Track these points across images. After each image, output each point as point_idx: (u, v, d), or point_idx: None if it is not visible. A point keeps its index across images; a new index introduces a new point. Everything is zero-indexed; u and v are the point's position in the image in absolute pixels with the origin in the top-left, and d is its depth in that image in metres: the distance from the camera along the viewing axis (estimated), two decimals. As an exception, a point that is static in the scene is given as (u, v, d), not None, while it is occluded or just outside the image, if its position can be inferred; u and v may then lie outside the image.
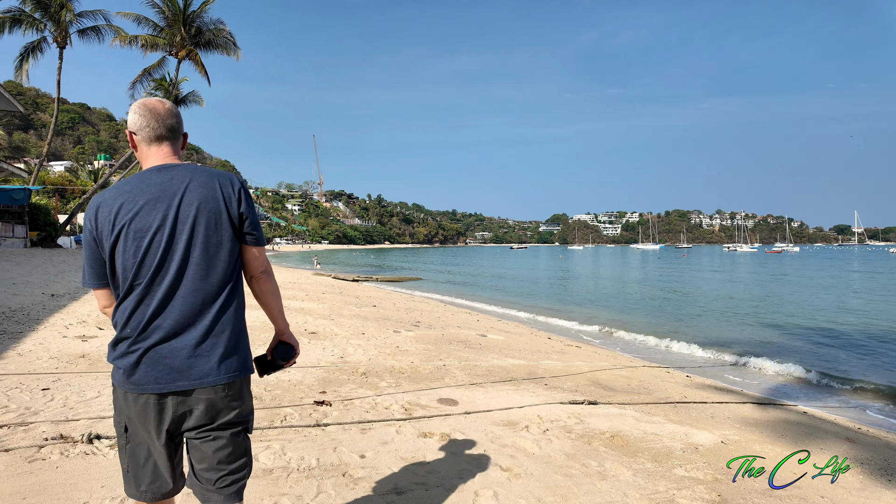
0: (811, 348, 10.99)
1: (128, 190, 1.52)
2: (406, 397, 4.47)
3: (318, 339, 7.15)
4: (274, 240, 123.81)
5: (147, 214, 1.49)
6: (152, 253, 1.48)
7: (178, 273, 1.50)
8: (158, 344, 1.47)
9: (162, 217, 1.50)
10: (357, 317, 10.36)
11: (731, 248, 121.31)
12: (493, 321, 12.96)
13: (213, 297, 1.53)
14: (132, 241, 1.48)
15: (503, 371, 6.17)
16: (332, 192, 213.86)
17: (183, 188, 1.53)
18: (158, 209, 1.50)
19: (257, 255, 1.66)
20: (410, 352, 6.83)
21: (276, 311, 1.75)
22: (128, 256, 1.49)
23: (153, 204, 1.50)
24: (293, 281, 19.88)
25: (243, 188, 1.62)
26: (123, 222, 1.48)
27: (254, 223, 1.63)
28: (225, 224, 1.56)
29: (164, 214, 1.50)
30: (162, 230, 1.49)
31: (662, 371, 7.87)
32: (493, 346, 8.17)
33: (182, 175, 1.55)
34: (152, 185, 1.52)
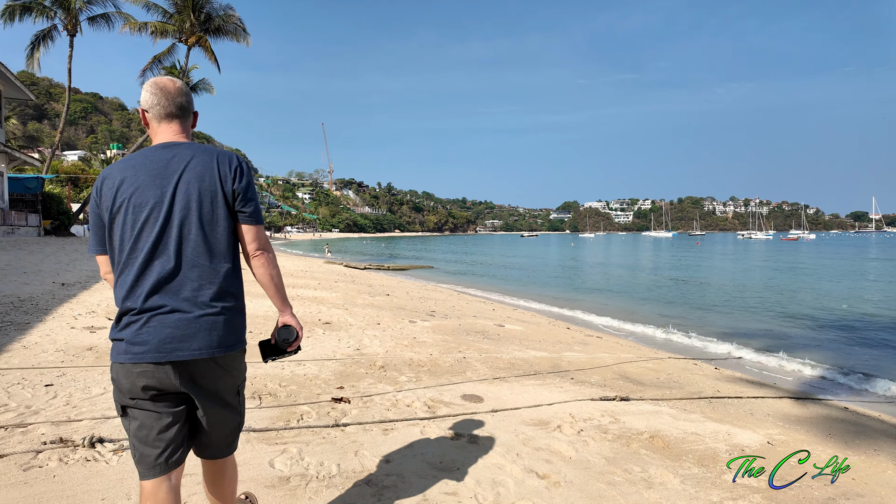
0: (839, 339, 10.59)
1: (132, 165, 1.57)
2: (428, 393, 4.21)
3: (332, 330, 6.93)
4: (285, 228, 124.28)
5: (147, 190, 1.54)
6: (149, 228, 1.53)
7: (177, 248, 1.54)
8: (158, 316, 1.51)
9: (160, 193, 1.54)
10: (371, 306, 10.13)
11: (745, 236, 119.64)
12: (508, 310, 12.69)
13: (211, 272, 1.57)
14: (131, 214, 1.53)
15: (526, 364, 5.89)
16: (342, 181, 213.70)
17: (183, 166, 1.57)
18: (157, 185, 1.54)
19: (253, 233, 1.68)
20: (428, 343, 6.58)
21: (274, 290, 1.76)
22: (126, 229, 1.53)
23: (153, 180, 1.54)
24: (305, 269, 19.73)
25: (241, 166, 1.66)
26: (125, 196, 1.53)
27: (247, 200, 1.65)
28: (220, 201, 1.60)
29: (163, 191, 1.54)
30: (160, 206, 1.53)
31: (689, 363, 7.56)
32: (512, 337, 7.90)
33: (185, 153, 1.59)
34: (155, 162, 1.57)
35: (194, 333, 1.53)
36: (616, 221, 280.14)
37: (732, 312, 13.86)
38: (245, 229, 1.67)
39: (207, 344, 1.55)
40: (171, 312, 1.52)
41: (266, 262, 1.71)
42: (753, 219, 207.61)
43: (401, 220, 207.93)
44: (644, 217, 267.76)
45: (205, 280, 1.56)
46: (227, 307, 1.61)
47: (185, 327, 1.52)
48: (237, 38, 29.97)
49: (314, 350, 5.55)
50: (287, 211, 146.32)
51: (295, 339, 1.78)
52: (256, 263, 1.70)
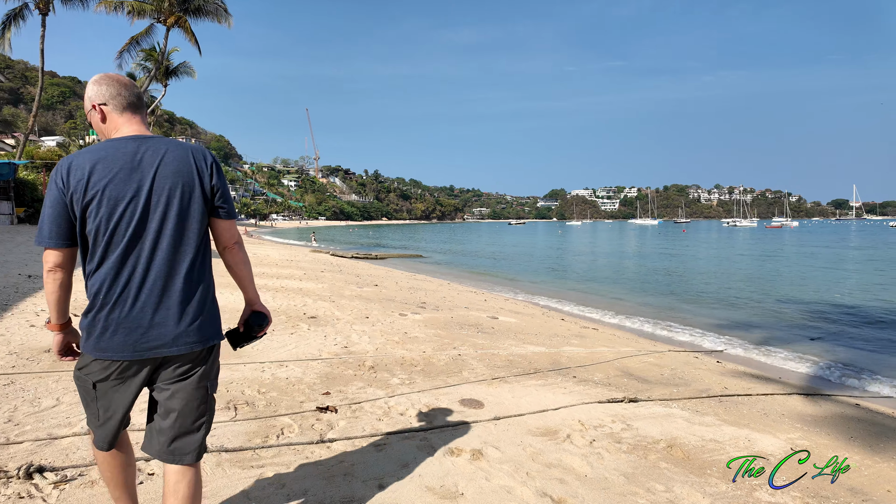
0: (834, 330, 10.44)
1: (103, 156, 1.52)
2: (423, 398, 3.84)
3: (318, 325, 6.52)
4: (270, 216, 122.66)
5: (122, 183, 1.51)
6: (125, 221, 1.51)
7: (153, 243, 1.54)
8: (134, 312, 1.52)
9: (137, 187, 1.53)
10: (359, 298, 9.72)
11: (730, 223, 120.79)
12: (500, 301, 12.36)
13: (187, 266, 1.58)
14: (105, 207, 1.50)
15: (525, 361, 5.56)
16: (328, 168, 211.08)
17: (158, 160, 1.56)
18: (134, 179, 1.53)
19: (229, 228, 1.73)
20: (420, 338, 6.21)
21: (248, 280, 1.82)
22: (100, 223, 1.50)
23: (129, 173, 1.53)
24: (290, 259, 19.20)
25: (215, 162, 1.69)
26: (98, 188, 1.49)
27: (225, 196, 1.70)
28: (198, 197, 1.61)
29: (139, 185, 1.53)
30: (136, 200, 1.52)
31: (690, 357, 7.30)
32: (506, 330, 7.57)
33: (157, 146, 1.58)
34: (128, 154, 1.55)
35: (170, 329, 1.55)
36: (602, 209, 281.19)
37: (725, 302, 13.69)
38: (223, 224, 1.71)
39: (183, 337, 1.57)
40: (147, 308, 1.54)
41: (241, 254, 1.78)
42: (738, 206, 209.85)
43: (388, 207, 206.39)
44: (630, 205, 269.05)
45: (182, 274, 1.57)
46: (204, 300, 1.64)
47: (161, 323, 1.54)
48: (218, 18, 28.95)
49: (298, 349, 5.14)
50: (272, 198, 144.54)
51: (267, 324, 1.86)
52: (232, 256, 1.75)
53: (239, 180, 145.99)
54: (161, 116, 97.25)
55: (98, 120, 1.63)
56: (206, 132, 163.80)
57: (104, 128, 1.63)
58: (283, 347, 5.14)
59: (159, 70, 40.02)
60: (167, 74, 41.47)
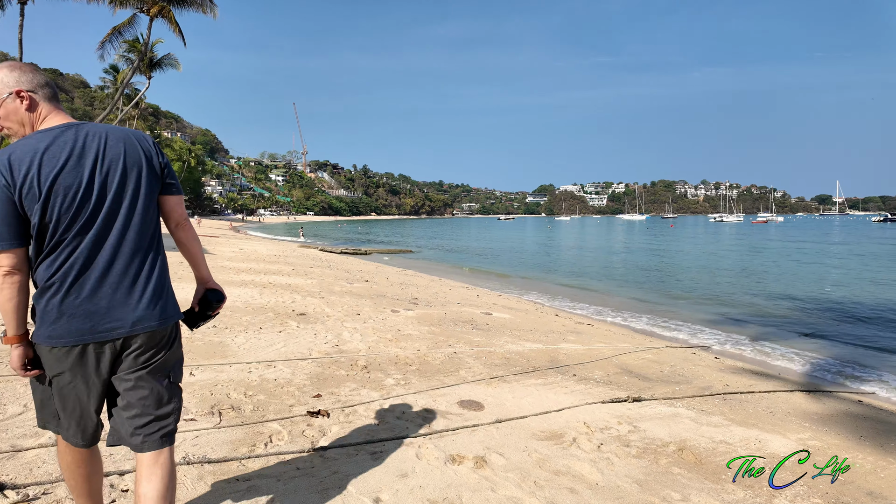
0: (825, 324, 10.43)
1: (43, 147, 1.48)
2: (420, 400, 3.65)
3: (307, 323, 6.29)
4: (258, 211, 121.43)
5: (73, 171, 1.49)
6: (83, 209, 1.48)
7: (106, 225, 1.52)
8: (93, 294, 1.49)
9: (89, 173, 1.51)
10: (349, 294, 9.49)
11: (717, 219, 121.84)
12: (493, 296, 12.20)
13: (142, 247, 1.58)
14: (61, 198, 1.46)
15: (522, 359, 5.38)
16: (316, 163, 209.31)
17: (101, 144, 1.54)
18: (83, 165, 1.50)
19: (180, 203, 1.73)
20: (414, 336, 6.01)
21: (200, 258, 1.84)
22: (57, 214, 1.46)
23: (77, 160, 1.50)
24: (278, 254, 18.86)
25: (155, 142, 1.70)
26: (49, 180, 1.45)
27: (172, 173, 1.71)
28: (147, 176, 1.61)
29: (90, 171, 1.51)
30: (90, 186, 1.50)
31: (688, 352, 7.19)
32: (501, 327, 7.40)
33: (95, 131, 1.57)
34: (69, 142, 1.51)
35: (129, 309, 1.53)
36: (591, 204, 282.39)
37: (717, 298, 13.65)
38: (174, 200, 1.71)
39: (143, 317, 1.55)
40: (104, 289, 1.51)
41: (193, 231, 1.78)
42: (724, 202, 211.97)
43: (377, 203, 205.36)
44: (618, 200, 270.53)
45: (136, 254, 1.56)
46: (163, 280, 1.64)
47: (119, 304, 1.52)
48: (203, 8, 28.30)
49: (287, 347, 4.92)
50: (260, 193, 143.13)
51: (223, 301, 1.87)
52: (183, 233, 1.75)
53: (225, 175, 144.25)
54: (145, 110, 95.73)
55: (23, 108, 1.54)
56: (191, 126, 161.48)
57: (29, 117, 1.56)
58: (271, 346, 4.92)
59: (143, 62, 39.19)
60: (151, 66, 40.56)
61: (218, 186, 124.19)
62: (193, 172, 78.96)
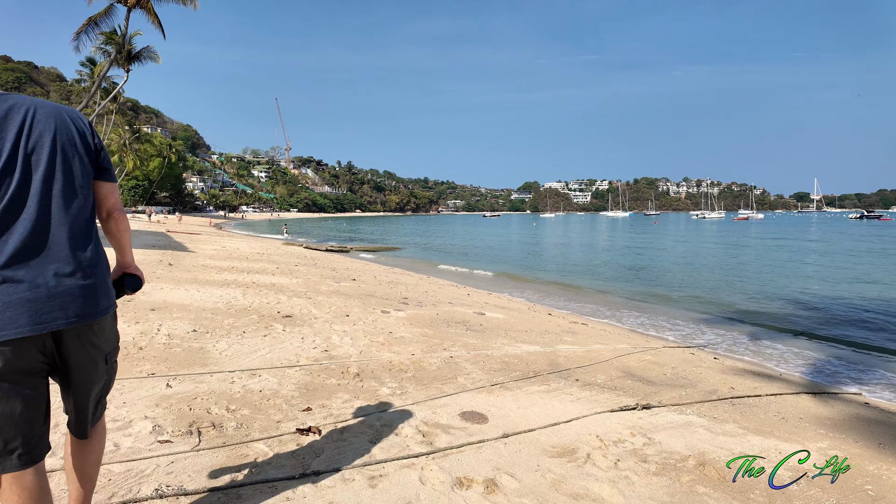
0: (817, 321, 10.39)
1: None
2: (419, 412, 3.37)
3: (294, 325, 5.97)
4: (240, 207, 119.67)
5: None
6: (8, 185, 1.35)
7: (40, 207, 1.39)
8: (28, 281, 1.35)
9: (11, 147, 1.35)
10: (337, 293, 9.16)
11: (698, 216, 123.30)
12: (483, 295, 11.96)
13: (79, 231, 1.46)
14: None
15: (521, 363, 5.14)
16: (300, 159, 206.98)
17: (29, 117, 1.41)
18: (6, 140, 1.35)
19: (113, 191, 1.63)
20: (407, 339, 5.73)
21: (128, 247, 1.74)
22: None
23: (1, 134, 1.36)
24: (262, 252, 18.39)
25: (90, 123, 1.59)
26: None
27: (107, 158, 1.61)
28: (80, 157, 1.50)
29: (14, 143, 1.36)
30: (13, 161, 1.36)
31: (687, 353, 7.02)
32: (496, 327, 7.15)
33: (22, 103, 1.42)
34: None
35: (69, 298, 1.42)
36: (575, 202, 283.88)
37: (708, 296, 13.58)
38: (107, 188, 1.61)
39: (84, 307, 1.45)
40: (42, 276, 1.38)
41: (125, 222, 1.68)
42: (705, 199, 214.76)
43: (362, 199, 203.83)
44: (601, 197, 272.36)
45: (72, 239, 1.44)
46: (98, 266, 1.52)
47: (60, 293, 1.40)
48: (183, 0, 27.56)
49: (272, 354, 4.60)
50: (242, 190, 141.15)
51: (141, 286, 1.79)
52: (117, 224, 1.66)
53: (207, 171, 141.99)
54: (124, 104, 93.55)
55: None
56: (172, 121, 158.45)
57: None
58: (256, 353, 4.60)
59: (121, 55, 38.18)
60: (129, 59, 39.56)
61: (199, 183, 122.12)
62: (174, 168, 77.44)
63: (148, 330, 5.08)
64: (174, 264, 11.61)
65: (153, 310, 6.18)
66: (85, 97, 29.85)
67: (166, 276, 9.51)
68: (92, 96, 28.74)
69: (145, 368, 3.88)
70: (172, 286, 8.28)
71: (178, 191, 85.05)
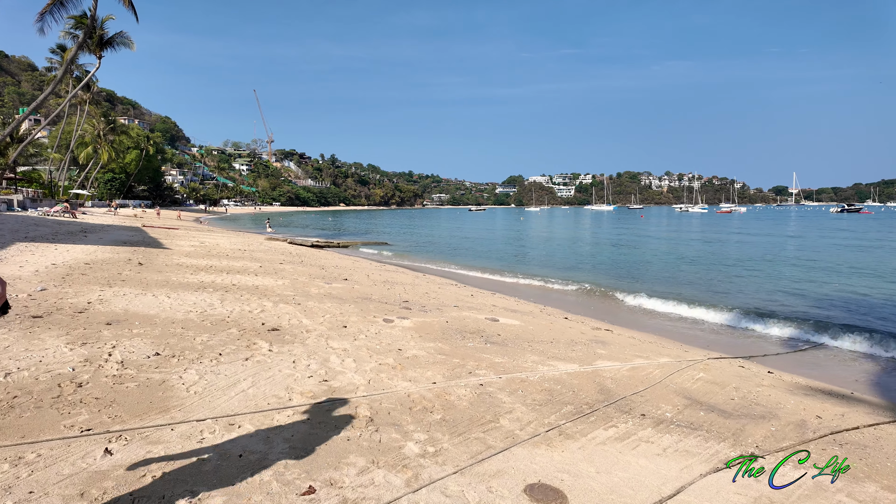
0: (851, 318, 9.61)
1: None
2: (468, 489, 2.37)
3: (283, 343, 4.91)
4: (222, 201, 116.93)
5: None
6: None
7: None
8: None
9: None
10: (329, 297, 8.09)
11: (682, 209, 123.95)
12: (487, 295, 10.98)
13: None
14: None
15: (566, 390, 4.16)
16: (282, 152, 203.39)
17: None
18: None
19: None
20: (421, 359, 4.72)
21: None
22: None
23: None
24: (243, 248, 17.15)
25: None
26: None
27: None
28: None
29: None
30: None
31: (735, 366, 6.12)
32: (516, 338, 6.18)
33: None
34: None
35: None
36: (559, 195, 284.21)
37: (723, 292, 12.77)
38: None
39: None
40: None
41: None
42: (687, 193, 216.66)
43: (346, 193, 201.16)
44: (585, 191, 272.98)
45: None
46: None
47: None
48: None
49: (256, 388, 3.55)
50: (223, 183, 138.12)
51: None
52: None
53: (187, 164, 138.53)
54: (99, 94, 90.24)
55: None
56: (150, 113, 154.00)
57: None
58: (235, 386, 3.54)
59: (92, 40, 36.28)
60: (101, 45, 37.66)
61: (179, 176, 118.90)
62: (152, 161, 74.83)
63: (96, 355, 3.99)
64: (145, 264, 10.41)
65: (109, 324, 5.07)
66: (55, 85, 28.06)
67: (133, 278, 8.34)
68: (59, 82, 27.01)
69: (79, 420, 2.81)
70: (139, 291, 7.14)
71: (157, 184, 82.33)
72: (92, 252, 11.72)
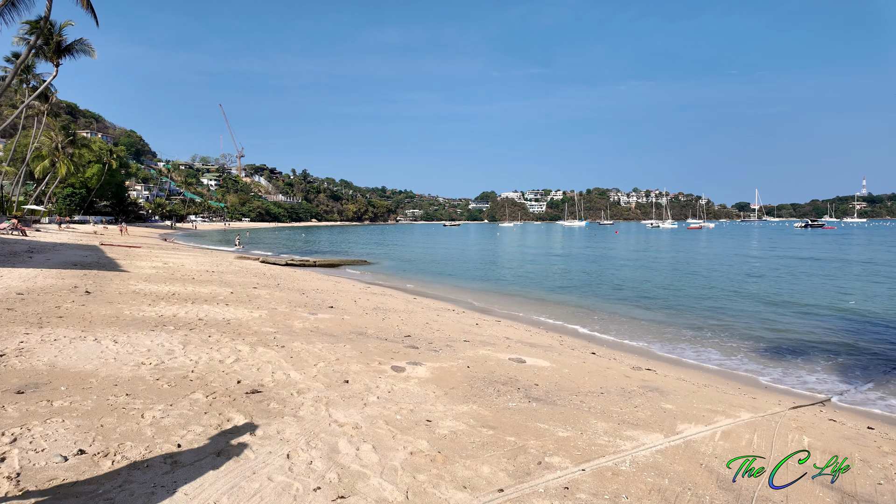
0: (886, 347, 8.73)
1: None
2: None
3: (268, 416, 3.55)
4: (189, 217, 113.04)
5: None
6: None
7: None
8: None
9: None
10: (317, 333, 6.71)
11: (653, 225, 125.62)
12: (493, 324, 9.72)
13: None
14: None
15: (678, 487, 2.95)
16: (252, 167, 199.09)
17: None
18: None
19: None
20: (462, 437, 3.43)
21: None
22: None
23: None
24: (211, 269, 15.48)
25: None
26: None
27: None
28: None
29: None
30: None
31: (826, 419, 5.02)
32: (559, 389, 4.95)
33: None
34: None
35: None
36: (531, 211, 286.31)
37: (745, 321, 11.82)
38: None
39: None
40: None
41: None
42: (657, 209, 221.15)
43: (318, 208, 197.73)
44: (556, 207, 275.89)
45: None
46: None
47: None
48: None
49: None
50: (191, 198, 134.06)
51: None
52: None
53: (153, 179, 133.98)
54: (58, 105, 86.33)
55: None
56: (114, 126, 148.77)
57: None
58: (201, 521, 2.19)
59: (49, 46, 34.12)
60: (60, 52, 35.50)
61: (144, 191, 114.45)
62: (115, 175, 71.43)
63: (-20, 460, 2.57)
64: (94, 292, 8.81)
65: (21, 392, 3.62)
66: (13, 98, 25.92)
67: (74, 313, 6.80)
68: (6, 86, 24.89)
69: None
70: (77, 333, 5.64)
71: (121, 199, 78.57)
72: (31, 278, 10.01)
